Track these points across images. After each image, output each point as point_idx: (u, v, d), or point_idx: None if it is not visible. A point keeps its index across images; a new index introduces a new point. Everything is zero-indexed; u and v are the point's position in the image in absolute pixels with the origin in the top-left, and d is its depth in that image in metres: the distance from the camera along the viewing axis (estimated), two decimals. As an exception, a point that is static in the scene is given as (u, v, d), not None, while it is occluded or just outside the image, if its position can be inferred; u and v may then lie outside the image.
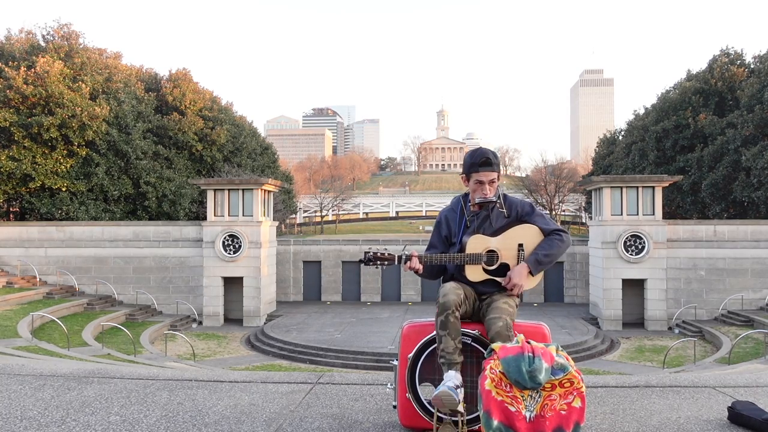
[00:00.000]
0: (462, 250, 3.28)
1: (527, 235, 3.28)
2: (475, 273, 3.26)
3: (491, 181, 3.26)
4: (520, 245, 3.26)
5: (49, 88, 29.33)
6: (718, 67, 37.97)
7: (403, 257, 3.25)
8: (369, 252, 3.27)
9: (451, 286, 3.10)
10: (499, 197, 3.33)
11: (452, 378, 2.91)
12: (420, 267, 3.26)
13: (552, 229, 3.28)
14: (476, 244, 3.26)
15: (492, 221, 3.31)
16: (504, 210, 3.33)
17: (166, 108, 39.41)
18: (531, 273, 3.21)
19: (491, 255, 3.25)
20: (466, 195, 3.43)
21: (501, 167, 3.40)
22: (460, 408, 2.84)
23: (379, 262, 3.26)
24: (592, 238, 29.02)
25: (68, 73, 31.09)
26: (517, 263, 3.25)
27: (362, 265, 3.33)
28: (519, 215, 3.33)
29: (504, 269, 3.26)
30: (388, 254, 3.28)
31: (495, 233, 3.29)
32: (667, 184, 28.71)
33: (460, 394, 2.86)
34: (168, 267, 28.41)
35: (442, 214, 3.50)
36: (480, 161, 3.27)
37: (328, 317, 27.20)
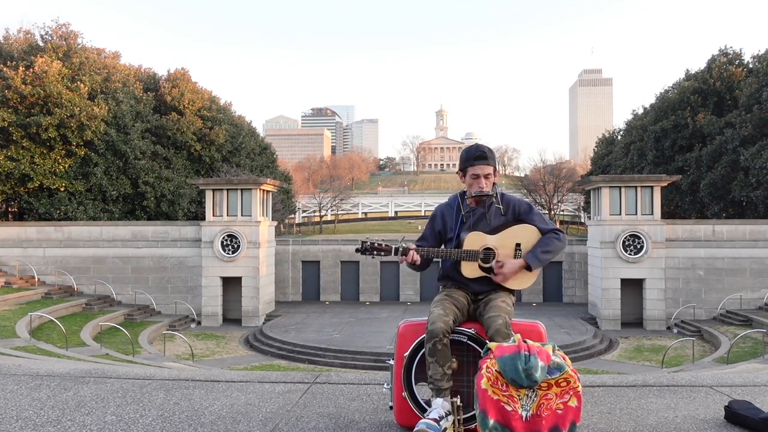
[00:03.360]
0: (459, 246, 3.28)
1: (525, 234, 3.28)
2: (470, 269, 3.26)
3: (487, 176, 3.28)
4: (518, 245, 3.26)
5: (47, 88, 29.30)
6: (716, 67, 37.96)
7: (400, 249, 3.23)
8: (366, 242, 3.26)
9: (438, 312, 3.04)
10: (496, 194, 3.33)
11: (438, 408, 2.90)
12: (419, 260, 3.26)
13: (550, 228, 3.29)
14: (474, 240, 3.26)
15: (489, 218, 3.31)
16: (501, 206, 3.33)
17: (164, 108, 39.34)
18: (529, 268, 3.21)
19: (488, 252, 3.26)
20: (463, 193, 3.44)
21: (500, 167, 3.41)
22: None
23: (375, 252, 3.26)
24: (591, 238, 29.03)
25: (67, 73, 31.06)
26: None
27: (358, 253, 3.30)
28: (516, 214, 3.34)
29: None
30: (385, 245, 3.27)
31: (493, 231, 3.29)
32: (665, 184, 28.70)
33: (446, 423, 2.84)
34: (167, 267, 28.39)
35: (438, 209, 3.50)
36: (476, 155, 3.30)
37: (326, 317, 27.19)
